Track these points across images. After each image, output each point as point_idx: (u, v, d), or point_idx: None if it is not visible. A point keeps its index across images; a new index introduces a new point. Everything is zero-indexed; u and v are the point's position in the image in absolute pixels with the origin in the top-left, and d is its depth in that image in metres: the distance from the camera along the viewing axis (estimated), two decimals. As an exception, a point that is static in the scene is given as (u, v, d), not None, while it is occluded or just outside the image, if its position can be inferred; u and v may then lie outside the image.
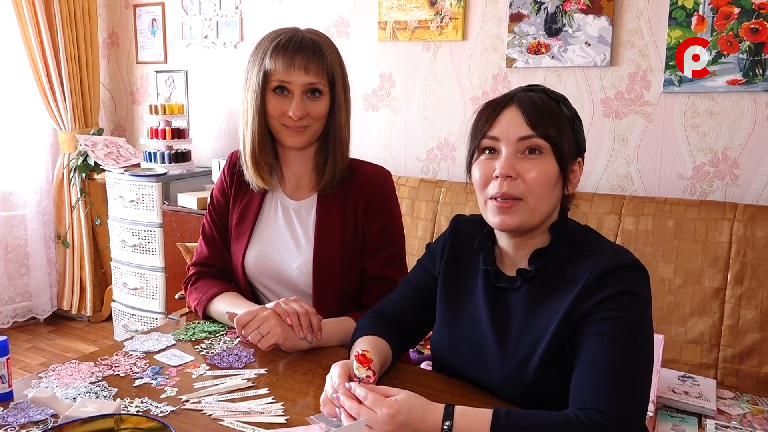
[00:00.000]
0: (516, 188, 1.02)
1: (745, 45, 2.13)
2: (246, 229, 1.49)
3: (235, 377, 1.17)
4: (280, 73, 1.33)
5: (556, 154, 1.03)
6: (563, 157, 1.03)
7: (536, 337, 1.02)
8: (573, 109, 1.09)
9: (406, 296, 1.25)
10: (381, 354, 1.13)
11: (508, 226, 1.04)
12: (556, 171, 1.03)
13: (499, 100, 1.08)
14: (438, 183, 2.56)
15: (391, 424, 0.90)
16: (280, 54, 1.33)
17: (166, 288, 3.19)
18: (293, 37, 1.35)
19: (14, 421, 1.01)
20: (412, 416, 0.92)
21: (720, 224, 2.01)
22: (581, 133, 1.08)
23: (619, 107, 2.40)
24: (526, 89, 1.09)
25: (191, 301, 1.51)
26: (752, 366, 1.91)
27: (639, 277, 1.01)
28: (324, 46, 1.36)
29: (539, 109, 1.03)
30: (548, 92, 1.09)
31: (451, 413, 0.92)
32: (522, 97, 1.06)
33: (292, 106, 1.34)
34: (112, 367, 1.21)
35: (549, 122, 1.03)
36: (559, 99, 1.08)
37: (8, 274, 3.64)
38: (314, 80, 1.34)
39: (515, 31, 2.54)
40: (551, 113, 1.04)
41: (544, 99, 1.06)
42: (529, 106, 1.04)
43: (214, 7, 3.40)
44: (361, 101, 3.00)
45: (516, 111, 1.04)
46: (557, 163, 1.03)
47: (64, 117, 3.61)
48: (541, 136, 1.02)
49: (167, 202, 3.16)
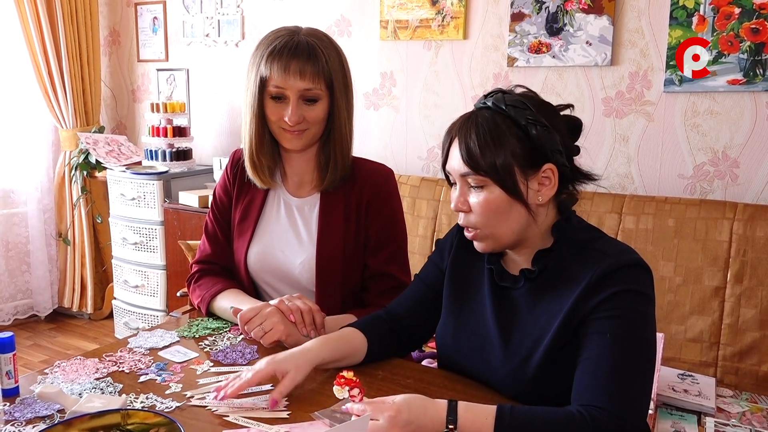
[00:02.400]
0: (470, 220, 1.06)
1: (746, 45, 2.14)
2: (249, 227, 1.50)
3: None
4: (275, 79, 1.32)
5: (497, 182, 1.02)
6: (506, 181, 1.01)
7: (539, 334, 1.03)
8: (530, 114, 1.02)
9: (417, 292, 1.27)
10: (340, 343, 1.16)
11: (483, 250, 1.10)
12: (502, 197, 1.03)
13: (450, 128, 1.08)
14: (439, 181, 2.57)
15: (395, 425, 0.91)
16: (275, 60, 1.32)
17: (167, 286, 3.19)
18: (289, 42, 1.33)
19: (21, 416, 1.02)
20: (413, 413, 0.92)
21: (720, 223, 2.02)
22: (545, 138, 1.02)
23: (620, 107, 2.41)
24: (482, 104, 1.07)
25: (194, 298, 1.52)
26: (752, 364, 1.92)
27: (643, 276, 1.01)
28: (321, 49, 1.34)
29: (473, 142, 1.02)
30: (497, 104, 1.03)
31: (454, 408, 0.93)
32: (463, 127, 1.04)
33: (288, 112, 1.33)
34: (116, 363, 1.22)
35: (483, 153, 1.01)
36: (510, 109, 1.02)
37: (9, 271, 3.64)
38: (310, 86, 1.32)
39: (516, 30, 2.54)
40: (490, 137, 1.01)
41: (487, 120, 1.03)
42: (464, 140, 1.03)
43: (215, 5, 3.40)
44: (363, 100, 3.00)
45: (456, 145, 1.05)
46: (502, 188, 1.02)
47: (66, 115, 3.61)
48: (477, 171, 1.02)
49: (168, 200, 3.16)
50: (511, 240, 1.06)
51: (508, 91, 1.08)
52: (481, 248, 1.09)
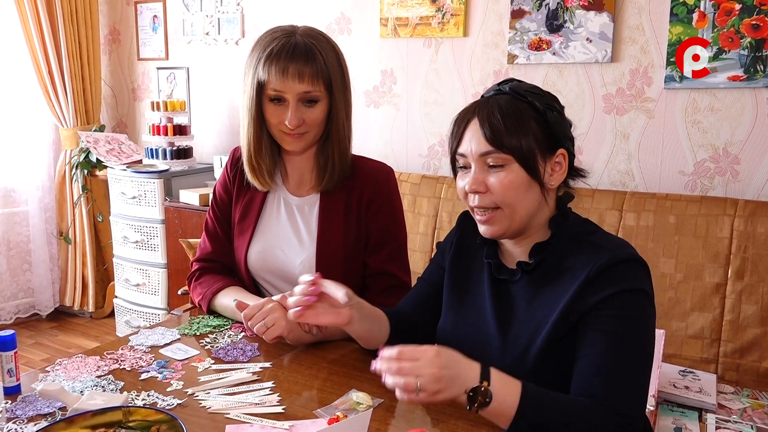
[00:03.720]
0: (487, 200, 1.06)
1: (746, 41, 2.13)
2: (249, 225, 1.50)
3: (240, 371, 1.18)
4: (273, 83, 1.31)
5: (520, 161, 1.03)
6: (529, 160, 1.03)
7: (537, 327, 1.04)
8: (546, 100, 1.07)
9: (421, 292, 1.28)
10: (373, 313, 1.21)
11: (493, 234, 1.08)
12: (523, 176, 1.04)
13: (464, 112, 1.09)
14: (440, 179, 2.57)
15: (435, 365, 0.89)
16: (272, 63, 1.31)
17: (168, 284, 3.20)
18: (286, 44, 1.32)
19: (23, 414, 1.02)
20: (452, 359, 0.92)
21: (721, 220, 2.02)
22: (559, 124, 1.06)
23: (621, 103, 2.41)
24: (495, 91, 1.10)
25: (195, 296, 1.52)
26: (753, 361, 1.93)
27: (640, 273, 1.02)
28: (318, 50, 1.33)
29: (497, 121, 1.03)
30: (516, 90, 1.07)
31: (487, 374, 0.92)
32: (483, 109, 1.06)
33: (288, 116, 1.33)
34: (118, 361, 1.22)
35: (509, 132, 1.02)
36: (527, 94, 1.06)
37: (11, 270, 3.65)
38: (309, 88, 1.32)
39: (516, 27, 2.54)
40: (513, 119, 1.03)
41: (508, 102, 1.05)
42: (487, 119, 1.04)
43: (215, 3, 3.40)
44: (363, 98, 3.00)
45: (476, 126, 1.05)
46: (523, 168, 1.03)
47: (66, 114, 3.62)
48: (500, 149, 1.03)
49: (169, 199, 3.17)
50: (523, 222, 1.07)
51: (522, 81, 1.10)
52: (492, 231, 1.07)
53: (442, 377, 0.89)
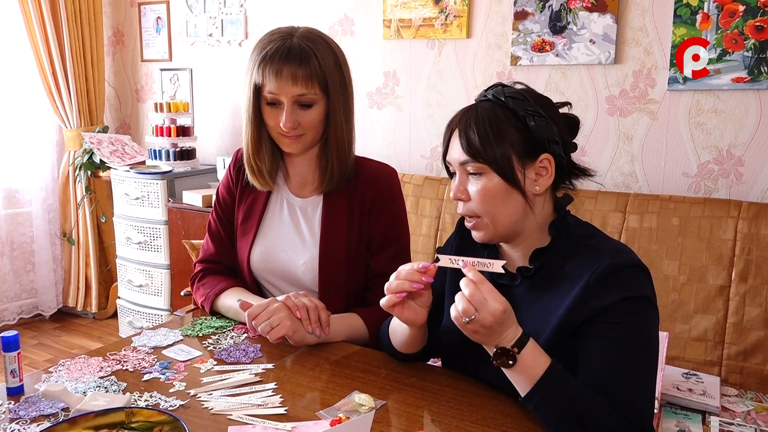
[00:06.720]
0: (469, 207, 1.07)
1: (750, 43, 2.13)
2: (252, 227, 1.50)
3: (243, 372, 1.18)
4: (268, 85, 1.31)
5: (496, 170, 1.04)
6: (505, 168, 1.03)
7: (537, 331, 1.04)
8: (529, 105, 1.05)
9: None
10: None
11: (481, 239, 1.10)
12: (500, 185, 1.04)
13: (451, 120, 1.11)
14: (443, 180, 2.57)
15: (495, 317, 0.94)
16: (267, 66, 1.31)
17: (171, 285, 3.20)
18: (280, 47, 1.31)
19: (26, 415, 1.02)
20: (508, 321, 0.96)
21: (724, 222, 2.02)
22: (542, 128, 1.04)
23: (624, 105, 2.40)
24: (482, 97, 1.10)
25: (198, 297, 1.52)
26: (756, 363, 1.92)
27: (642, 279, 1.01)
28: (314, 52, 1.32)
29: (473, 131, 1.04)
30: (497, 96, 1.06)
31: (523, 343, 0.96)
32: (464, 118, 1.07)
33: (283, 118, 1.33)
34: (120, 362, 1.22)
35: (482, 141, 1.03)
36: (509, 100, 1.05)
37: (14, 271, 3.66)
38: (303, 91, 1.31)
39: (520, 29, 2.54)
40: (489, 127, 1.03)
41: (486, 111, 1.05)
42: (464, 129, 1.05)
43: (218, 5, 3.41)
44: (366, 99, 3.00)
45: (457, 135, 1.07)
46: (500, 176, 1.04)
47: (70, 115, 3.62)
48: (476, 158, 1.04)
49: (172, 200, 3.17)
50: (508, 229, 1.07)
51: (508, 85, 1.10)
52: (479, 237, 1.10)
53: (490, 326, 0.95)
